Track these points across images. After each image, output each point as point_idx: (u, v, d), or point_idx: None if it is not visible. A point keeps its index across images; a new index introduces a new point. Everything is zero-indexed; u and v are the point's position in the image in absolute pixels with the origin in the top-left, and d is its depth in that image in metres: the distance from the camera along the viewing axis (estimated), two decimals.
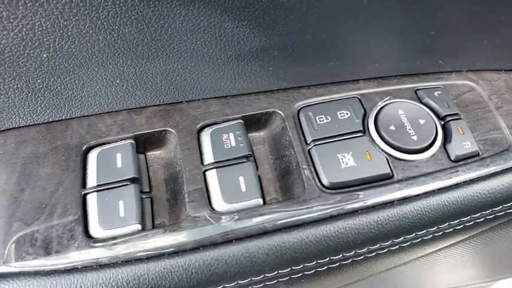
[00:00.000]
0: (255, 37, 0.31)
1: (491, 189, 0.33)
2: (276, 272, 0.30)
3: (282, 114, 0.35)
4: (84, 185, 0.32)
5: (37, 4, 0.26)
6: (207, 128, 0.34)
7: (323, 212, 0.31)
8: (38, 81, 0.30)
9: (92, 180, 0.32)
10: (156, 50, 0.31)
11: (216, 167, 0.32)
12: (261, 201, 0.31)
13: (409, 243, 0.33)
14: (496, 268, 0.60)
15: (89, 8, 0.26)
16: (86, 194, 0.31)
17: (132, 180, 0.32)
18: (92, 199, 0.31)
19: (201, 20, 0.29)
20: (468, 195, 0.32)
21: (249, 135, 0.36)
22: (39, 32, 0.27)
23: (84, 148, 0.33)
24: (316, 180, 0.32)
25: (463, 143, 0.34)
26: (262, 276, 0.30)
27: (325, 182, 0.32)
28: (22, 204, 0.30)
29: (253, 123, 0.36)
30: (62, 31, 0.27)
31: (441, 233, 0.33)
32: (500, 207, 0.34)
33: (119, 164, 0.32)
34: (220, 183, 0.32)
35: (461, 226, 0.34)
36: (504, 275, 0.66)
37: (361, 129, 0.34)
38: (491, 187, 0.33)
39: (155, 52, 0.31)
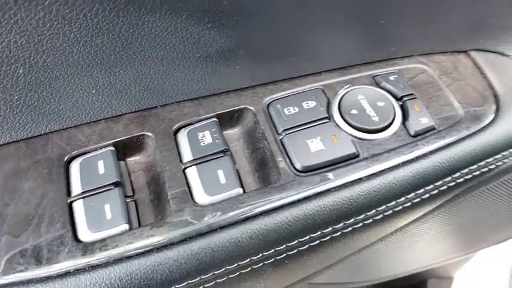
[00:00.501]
0: (220, 39, 0.34)
1: (448, 158, 0.36)
2: (261, 255, 0.32)
3: (253, 109, 0.37)
4: (69, 193, 0.33)
5: (12, 22, 0.27)
6: (183, 128, 0.36)
7: (299, 194, 0.33)
8: (15, 97, 0.32)
9: (76, 188, 0.33)
10: (128, 58, 0.32)
11: (195, 164, 0.34)
12: (241, 190, 0.33)
13: (381, 215, 0.35)
14: (471, 239, 0.63)
15: (62, 22, 0.28)
16: (71, 202, 0.32)
17: (116, 184, 0.33)
18: (78, 205, 0.32)
19: (168, 26, 0.31)
20: (429, 165, 0.35)
21: (224, 132, 0.38)
22: (14, 49, 0.28)
23: (65, 159, 0.34)
24: (290, 165, 0.34)
25: (420, 120, 0.37)
26: (249, 260, 0.32)
27: (298, 166, 0.34)
28: (8, 218, 0.31)
29: (226, 120, 0.38)
30: (36, 46, 0.29)
31: (410, 203, 0.36)
32: (459, 173, 0.37)
33: (102, 171, 0.34)
34: (201, 178, 0.33)
35: (427, 195, 0.36)
36: (481, 245, 0.69)
37: (327, 116, 0.37)
38: (449, 156, 0.36)
39: (127, 60, 0.33)
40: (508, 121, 0.38)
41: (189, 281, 0.31)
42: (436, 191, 0.37)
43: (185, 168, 0.34)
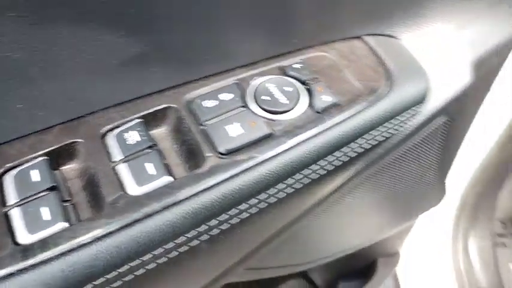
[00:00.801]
0: (133, 44, 0.37)
1: (352, 127, 0.41)
2: (195, 232, 0.35)
3: (176, 106, 0.41)
4: (4, 204, 0.34)
5: None
6: (111, 131, 0.39)
7: (224, 174, 0.37)
8: None
9: (12, 199, 0.35)
10: (49, 70, 0.35)
11: (124, 161, 0.37)
12: (171, 178, 0.36)
13: (300, 184, 0.40)
14: (402, 207, 0.69)
15: None
16: (8, 211, 0.34)
17: (52, 189, 0.35)
18: (15, 213, 0.34)
19: (84, 37, 0.34)
20: (335, 135, 0.40)
21: (152, 132, 0.41)
22: None
23: None
24: (215, 151, 0.38)
25: (324, 99, 0.42)
26: (184, 238, 0.35)
27: (221, 150, 0.38)
28: None
29: (152, 120, 0.41)
30: None
31: (324, 170, 0.41)
32: (363, 140, 0.42)
33: (36, 179, 0.36)
34: (132, 172, 0.36)
35: (339, 162, 0.41)
36: (412, 213, 0.76)
37: (243, 104, 0.41)
38: (352, 125, 0.41)
39: (49, 73, 0.35)
40: (399, 92, 0.44)
41: (130, 264, 0.33)
42: (346, 158, 0.42)
43: (116, 166, 0.37)
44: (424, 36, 0.51)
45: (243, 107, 0.41)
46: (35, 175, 0.36)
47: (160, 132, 0.42)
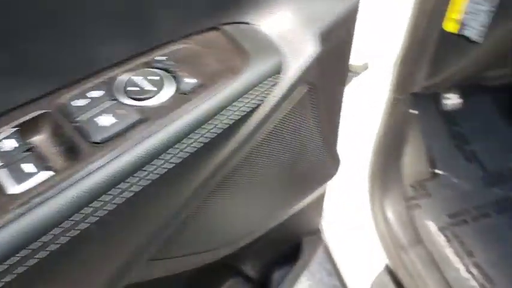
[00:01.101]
0: None
1: (217, 102, 0.46)
2: (81, 215, 0.38)
3: (50, 111, 0.43)
4: None
5: None
6: None
7: (102, 160, 0.40)
8: None
9: None
10: None
11: (2, 167, 0.39)
12: (50, 172, 0.39)
13: (179, 158, 0.44)
14: (298, 179, 0.75)
15: None
16: None
17: None
18: None
19: None
20: (203, 111, 0.45)
21: (32, 139, 0.43)
22: None
23: None
24: (89, 142, 0.41)
25: (189, 81, 0.47)
26: (72, 222, 0.38)
27: (96, 139, 0.41)
28: None
29: (29, 128, 0.43)
30: None
31: (200, 143, 0.45)
32: (229, 111, 0.47)
33: None
34: (10, 174, 0.38)
35: (214, 134, 0.46)
36: (314, 184, 0.82)
37: (113, 98, 0.45)
38: (216, 100, 0.46)
39: None
40: (255, 66, 0.50)
41: (19, 254, 0.35)
42: (218, 129, 0.47)
43: None
44: (276, 20, 0.58)
45: (113, 100, 0.45)
46: None
47: (40, 139, 0.44)
